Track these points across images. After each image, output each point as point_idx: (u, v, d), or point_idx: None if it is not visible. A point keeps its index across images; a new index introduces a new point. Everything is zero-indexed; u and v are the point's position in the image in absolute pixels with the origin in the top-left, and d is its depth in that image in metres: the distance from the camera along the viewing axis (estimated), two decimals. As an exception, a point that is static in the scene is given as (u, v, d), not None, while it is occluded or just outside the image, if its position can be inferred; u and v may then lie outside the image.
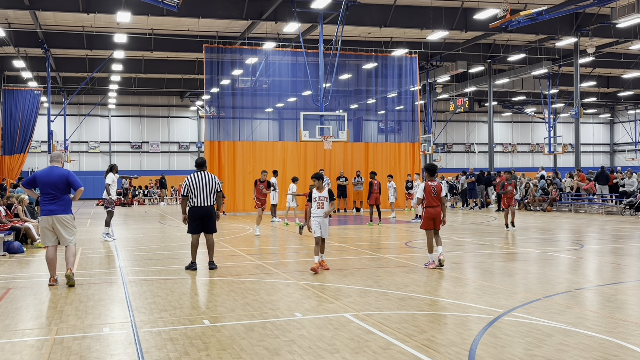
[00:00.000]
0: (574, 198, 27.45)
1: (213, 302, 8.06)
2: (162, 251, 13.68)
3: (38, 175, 9.35)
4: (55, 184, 9.14)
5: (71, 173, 9.34)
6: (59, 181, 9.14)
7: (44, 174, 9.29)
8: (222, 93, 28.46)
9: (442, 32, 28.21)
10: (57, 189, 9.15)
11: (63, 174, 9.19)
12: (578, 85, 33.57)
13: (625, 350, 5.67)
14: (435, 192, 10.52)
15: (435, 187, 10.55)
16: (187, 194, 10.52)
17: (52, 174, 9.19)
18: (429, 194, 10.52)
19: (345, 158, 27.91)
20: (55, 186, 9.14)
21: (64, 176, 9.17)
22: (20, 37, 29.92)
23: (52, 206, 9.15)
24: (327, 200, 10.36)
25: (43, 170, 9.43)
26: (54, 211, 9.15)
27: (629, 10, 22.55)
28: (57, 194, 9.17)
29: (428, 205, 10.56)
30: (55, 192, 9.15)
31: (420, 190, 10.66)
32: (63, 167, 9.52)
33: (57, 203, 9.17)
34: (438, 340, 6.07)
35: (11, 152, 33.19)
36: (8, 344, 6.12)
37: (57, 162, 9.48)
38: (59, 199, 9.18)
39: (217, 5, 26.11)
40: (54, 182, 9.14)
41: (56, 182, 9.14)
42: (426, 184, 10.58)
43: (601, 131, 62.76)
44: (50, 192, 9.15)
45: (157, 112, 50.87)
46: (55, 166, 9.38)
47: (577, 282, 9.40)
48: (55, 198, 9.16)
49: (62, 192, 9.21)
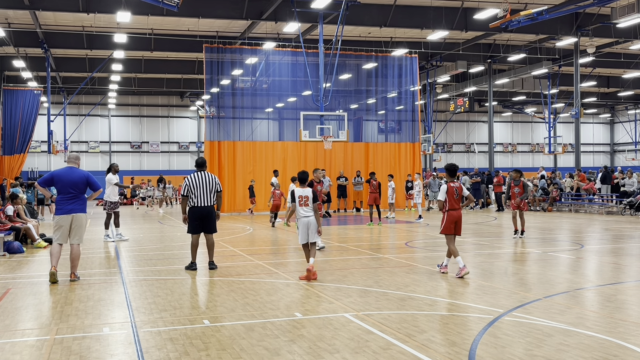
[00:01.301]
0: (574, 198, 27.45)
1: (213, 302, 8.05)
2: (162, 251, 13.68)
3: (57, 174, 9.75)
4: (76, 184, 9.61)
5: (90, 174, 9.87)
6: (79, 181, 9.64)
7: (63, 173, 9.70)
8: (222, 93, 28.46)
9: (442, 32, 28.20)
10: (77, 188, 9.63)
11: (84, 175, 9.74)
12: (578, 85, 33.57)
13: (625, 350, 5.67)
14: (457, 194, 9.86)
15: (457, 188, 9.88)
16: (187, 194, 10.53)
17: (73, 174, 9.66)
18: (452, 196, 9.82)
19: (345, 158, 27.91)
20: (75, 186, 9.61)
21: (85, 177, 9.72)
22: (20, 37, 29.91)
23: (72, 205, 9.62)
24: (310, 199, 9.56)
25: (62, 170, 9.84)
26: (73, 210, 9.62)
27: (629, 10, 22.54)
28: (77, 194, 9.66)
29: (451, 208, 9.82)
30: (75, 191, 9.64)
31: (442, 193, 9.88)
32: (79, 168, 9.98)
33: (76, 202, 9.65)
34: (438, 340, 6.07)
35: (11, 152, 33.18)
36: (8, 344, 6.13)
37: (75, 163, 9.95)
38: (78, 198, 9.68)
39: (217, 5, 26.10)
40: (75, 182, 9.60)
41: (76, 182, 9.62)
42: (448, 186, 9.88)
43: (601, 131, 62.75)
44: (70, 191, 9.60)
45: (157, 112, 50.87)
46: (74, 167, 9.84)
47: (577, 282, 9.40)
48: (75, 197, 9.64)
49: (81, 192, 9.73)
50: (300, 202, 9.55)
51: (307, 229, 9.53)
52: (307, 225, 9.53)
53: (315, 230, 9.52)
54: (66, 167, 9.86)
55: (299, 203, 9.55)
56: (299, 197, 9.56)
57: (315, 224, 9.52)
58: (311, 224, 9.52)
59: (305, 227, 9.54)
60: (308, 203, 9.53)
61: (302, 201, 9.54)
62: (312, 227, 9.51)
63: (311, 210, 9.54)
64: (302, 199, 9.54)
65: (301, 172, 9.93)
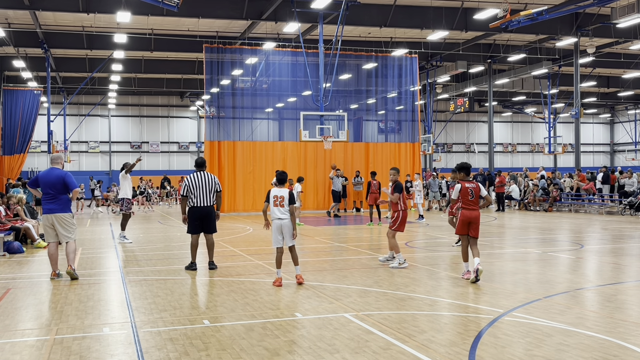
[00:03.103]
0: (574, 198, 27.46)
1: (213, 302, 8.05)
2: (162, 251, 13.68)
3: (40, 176, 9.91)
4: (54, 184, 9.68)
5: (68, 174, 9.82)
6: (56, 182, 9.68)
7: (44, 174, 9.84)
8: (222, 93, 28.46)
9: (442, 32, 28.20)
10: (55, 189, 9.69)
11: (60, 175, 9.73)
12: (578, 85, 33.57)
13: (625, 350, 5.67)
14: (473, 194, 9.44)
15: (472, 188, 9.46)
16: (187, 194, 10.52)
17: (51, 175, 9.73)
18: (466, 196, 9.47)
19: (345, 158, 27.91)
20: (53, 186, 9.68)
21: (61, 177, 9.71)
22: (20, 37, 29.91)
23: (51, 205, 9.71)
24: (285, 200, 9.08)
25: (44, 171, 9.97)
26: (53, 210, 9.71)
27: (629, 10, 22.54)
28: (56, 194, 9.71)
29: (464, 206, 9.50)
30: (54, 192, 9.69)
31: (455, 192, 9.58)
32: (62, 168, 10.06)
33: (55, 202, 9.71)
34: (438, 340, 6.07)
35: (11, 152, 33.14)
36: (8, 344, 6.13)
37: (57, 163, 10.01)
38: (57, 198, 9.72)
39: (217, 5, 26.10)
40: (53, 183, 9.68)
41: (54, 182, 9.68)
42: (462, 185, 9.51)
43: (601, 131, 62.76)
44: (49, 192, 9.71)
45: (157, 112, 50.87)
46: (55, 167, 9.92)
47: (577, 282, 9.40)
48: (54, 198, 9.70)
49: (59, 192, 9.74)
50: (275, 203, 9.08)
51: (281, 231, 9.08)
52: (280, 227, 9.06)
53: (291, 233, 9.07)
54: (49, 167, 9.99)
55: (273, 203, 9.09)
56: (274, 197, 9.10)
57: (290, 226, 9.07)
58: (284, 226, 9.04)
59: (279, 230, 9.08)
60: (283, 204, 9.06)
61: (277, 201, 9.07)
62: (287, 230, 9.05)
63: (286, 212, 9.07)
64: (277, 199, 9.07)
65: (279, 173, 9.49)
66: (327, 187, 27.67)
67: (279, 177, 9.38)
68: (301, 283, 9.08)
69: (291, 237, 9.10)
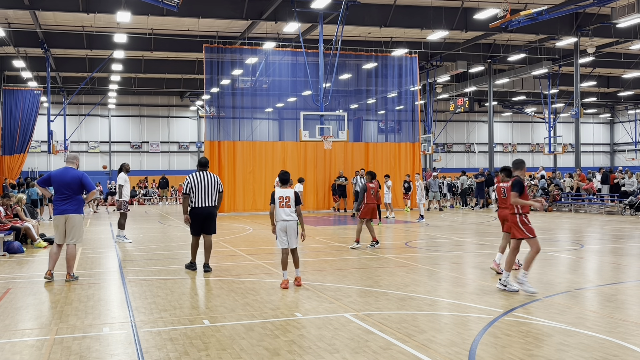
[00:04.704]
0: (574, 198, 27.45)
1: (213, 302, 8.05)
2: (162, 251, 13.67)
3: (53, 174, 9.69)
4: (69, 185, 9.49)
5: (85, 175, 9.69)
6: (72, 182, 9.50)
7: (58, 174, 9.62)
8: (222, 93, 28.46)
9: (442, 32, 28.19)
10: (70, 189, 9.51)
11: (77, 176, 9.55)
12: (578, 85, 33.56)
13: (625, 350, 5.67)
14: (505, 194, 9.79)
15: (506, 188, 9.73)
16: (189, 192, 10.38)
17: (67, 175, 9.53)
18: (499, 195, 10.08)
19: (345, 158, 27.91)
20: (69, 186, 9.49)
21: (78, 177, 9.53)
22: (20, 37, 29.90)
23: (65, 206, 9.51)
24: (291, 201, 8.86)
25: (58, 171, 9.76)
26: (67, 210, 9.51)
27: (629, 10, 22.54)
28: (71, 194, 9.53)
29: (498, 205, 10.32)
30: (69, 192, 9.51)
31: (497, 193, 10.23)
32: (78, 169, 9.88)
33: (70, 203, 9.52)
34: (438, 340, 6.07)
35: (11, 152, 33.15)
36: (8, 344, 6.13)
37: (73, 163, 9.82)
38: (72, 199, 9.54)
39: (217, 5, 26.09)
40: (68, 183, 9.48)
41: (70, 182, 9.49)
42: (497, 186, 10.21)
43: (601, 131, 62.74)
44: (64, 192, 9.51)
45: (157, 112, 50.84)
46: (70, 167, 9.72)
47: (577, 282, 9.40)
48: (68, 198, 9.52)
49: (75, 192, 9.57)
50: (280, 204, 8.83)
51: (286, 233, 8.85)
52: (285, 229, 8.83)
53: (295, 235, 8.85)
54: (63, 167, 9.76)
55: (279, 205, 8.83)
56: (279, 198, 8.83)
57: (295, 228, 8.85)
58: (290, 228, 8.81)
59: (283, 231, 8.85)
60: (290, 204, 8.82)
61: (283, 202, 8.83)
62: (291, 232, 8.83)
63: (292, 213, 8.84)
64: (282, 200, 8.83)
65: (283, 173, 9.22)
66: (327, 187, 27.69)
67: (282, 178, 9.14)
68: (299, 285, 8.97)
69: (296, 239, 8.93)
